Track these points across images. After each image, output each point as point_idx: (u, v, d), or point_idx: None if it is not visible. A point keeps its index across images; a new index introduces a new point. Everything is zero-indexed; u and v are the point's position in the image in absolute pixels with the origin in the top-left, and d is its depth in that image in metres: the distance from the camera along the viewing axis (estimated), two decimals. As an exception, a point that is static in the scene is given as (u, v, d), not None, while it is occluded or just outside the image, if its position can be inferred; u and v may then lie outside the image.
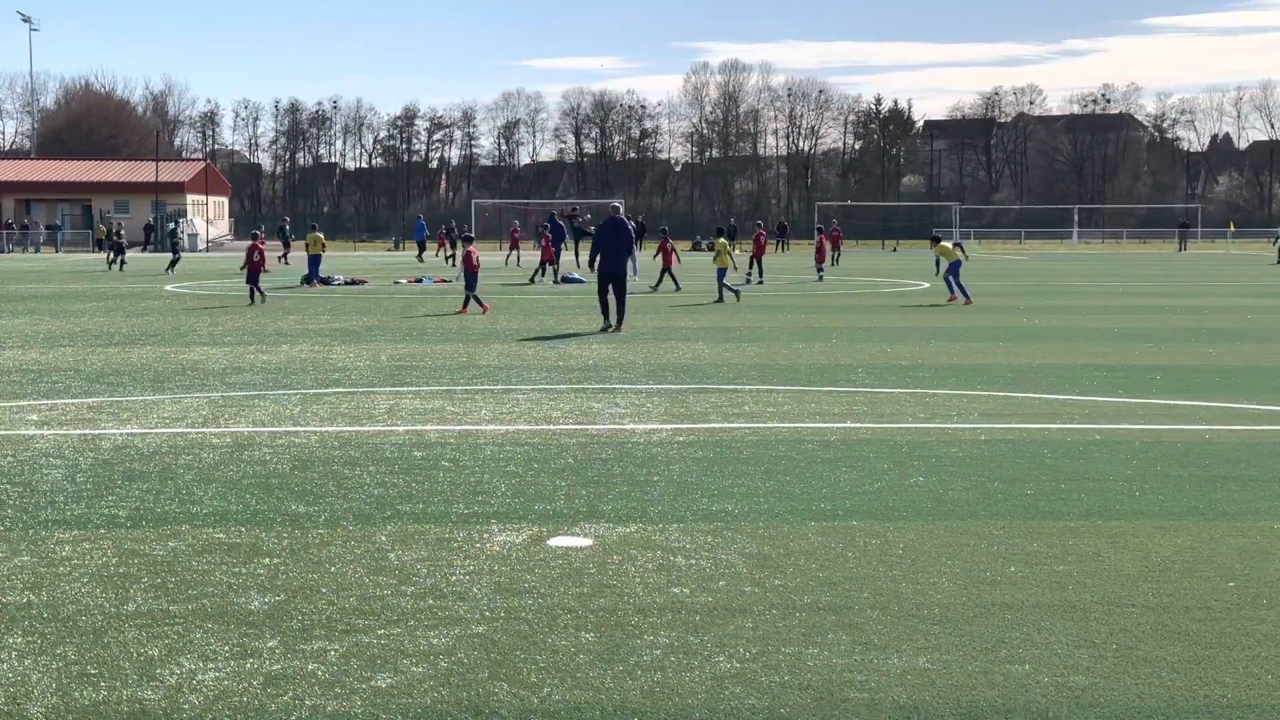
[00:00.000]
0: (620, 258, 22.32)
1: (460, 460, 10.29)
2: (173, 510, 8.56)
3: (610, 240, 22.50)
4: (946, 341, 20.61)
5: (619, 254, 22.33)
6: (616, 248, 22.34)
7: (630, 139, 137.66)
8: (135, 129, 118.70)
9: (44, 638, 6.02)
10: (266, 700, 5.25)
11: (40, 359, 17.96)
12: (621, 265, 22.32)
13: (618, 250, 22.32)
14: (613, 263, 22.32)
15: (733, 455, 10.55)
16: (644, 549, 7.59)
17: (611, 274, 22.33)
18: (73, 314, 26.56)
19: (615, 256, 22.31)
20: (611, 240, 22.47)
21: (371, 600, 6.59)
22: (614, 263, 22.31)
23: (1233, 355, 18.75)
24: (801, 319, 25.23)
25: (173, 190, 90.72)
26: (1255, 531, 8.07)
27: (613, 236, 22.50)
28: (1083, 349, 19.53)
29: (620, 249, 22.34)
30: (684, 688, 5.39)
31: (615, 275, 22.28)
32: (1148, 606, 6.52)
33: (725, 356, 18.15)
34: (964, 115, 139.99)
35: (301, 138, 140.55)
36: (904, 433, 11.68)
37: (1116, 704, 5.24)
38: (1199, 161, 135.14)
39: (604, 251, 22.51)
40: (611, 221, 22.82)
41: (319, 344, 20.06)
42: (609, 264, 22.38)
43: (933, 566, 7.21)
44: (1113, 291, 36.44)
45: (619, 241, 22.40)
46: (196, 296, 32.61)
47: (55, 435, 11.57)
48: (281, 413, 12.85)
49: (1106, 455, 10.55)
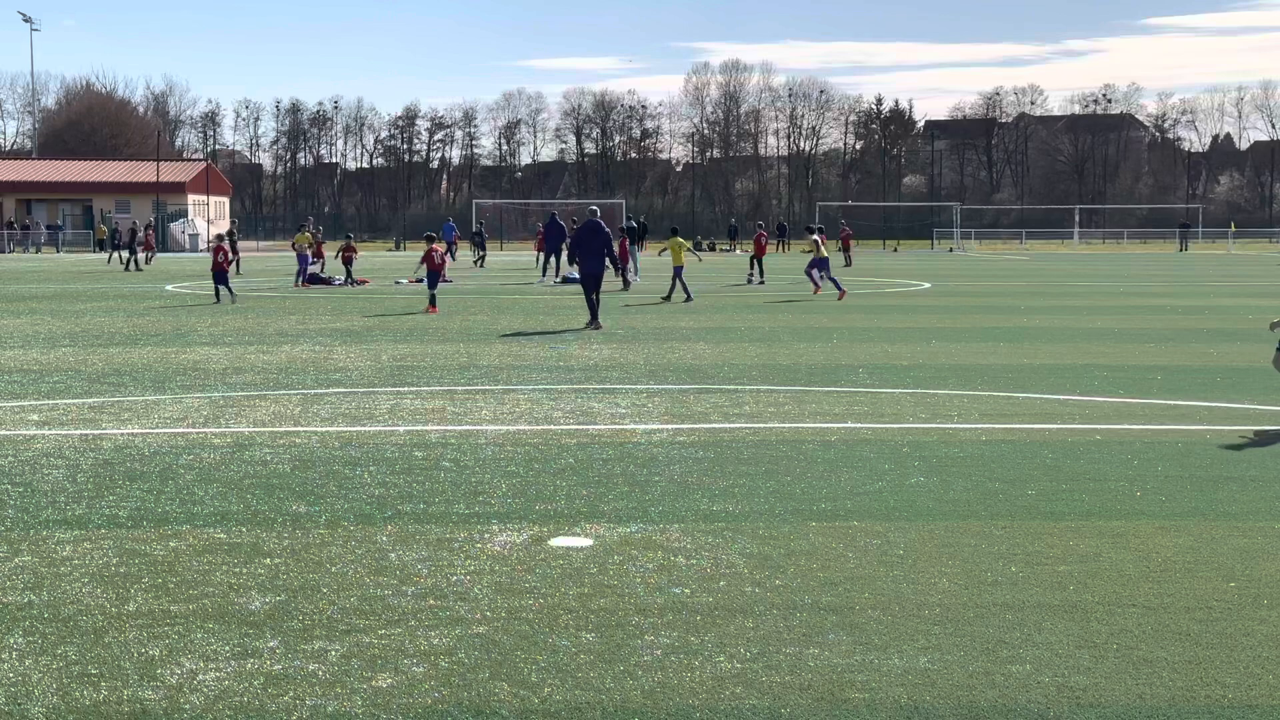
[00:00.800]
0: (599, 259, 23.25)
1: (461, 460, 10.29)
2: (173, 510, 8.57)
3: (588, 242, 23.46)
4: (946, 341, 20.61)
5: (597, 256, 23.29)
6: (595, 250, 23.31)
7: (631, 139, 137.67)
8: (136, 129, 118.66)
9: (44, 638, 6.02)
10: (267, 700, 5.25)
11: (41, 359, 17.96)
12: (601, 266, 23.24)
13: (596, 252, 23.29)
14: (593, 264, 23.24)
15: (733, 455, 10.55)
16: (645, 549, 7.60)
17: (592, 274, 23.25)
18: (73, 314, 26.57)
19: (594, 258, 23.26)
20: (590, 242, 23.44)
21: (372, 600, 6.59)
22: (594, 264, 23.23)
23: (1233, 355, 18.75)
24: (802, 319, 25.23)
25: (174, 190, 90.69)
26: (1255, 532, 8.07)
27: (590, 239, 23.45)
28: (1083, 349, 19.53)
29: (598, 251, 23.32)
30: (684, 688, 5.40)
31: (596, 275, 23.24)
32: (1148, 607, 6.52)
33: (726, 356, 18.15)
34: (965, 115, 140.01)
35: (302, 138, 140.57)
36: (904, 433, 11.68)
37: (1117, 704, 5.24)
38: (1200, 162, 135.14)
39: (584, 254, 23.43)
40: (589, 225, 23.67)
41: (319, 344, 20.06)
42: (590, 265, 23.30)
43: (933, 566, 7.21)
44: (1113, 291, 36.44)
45: (596, 243, 23.35)
46: (197, 296, 32.61)
47: (56, 435, 11.57)
48: (282, 413, 12.85)
49: (1107, 455, 10.55)
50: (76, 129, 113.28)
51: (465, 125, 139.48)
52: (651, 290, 34.02)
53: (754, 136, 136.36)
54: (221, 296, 29.87)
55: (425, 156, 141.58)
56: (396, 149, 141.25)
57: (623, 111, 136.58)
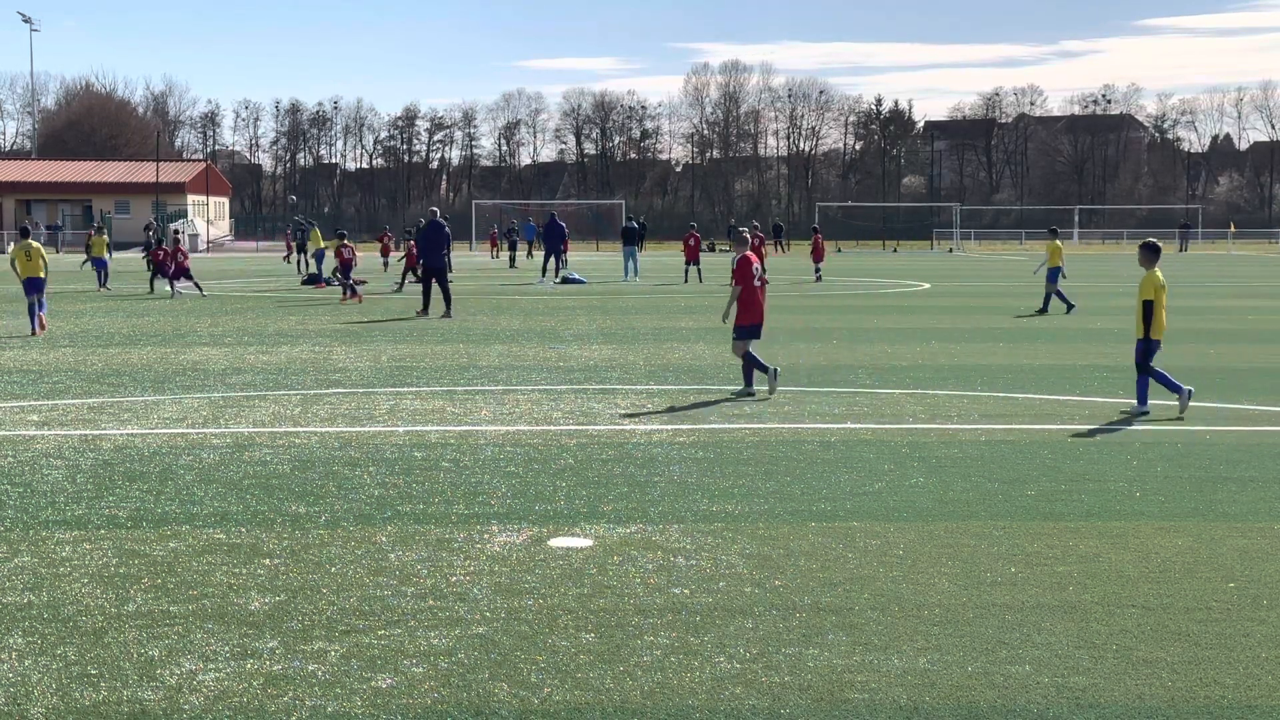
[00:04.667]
0: (439, 254, 25.98)
1: (460, 461, 10.29)
2: (173, 511, 8.57)
3: (433, 239, 26.11)
4: (946, 341, 20.61)
5: (438, 252, 26.01)
6: (435, 247, 25.97)
7: (631, 140, 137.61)
8: (136, 129, 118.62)
9: (44, 638, 6.02)
10: (266, 701, 5.25)
11: (40, 359, 17.96)
12: (441, 261, 26.02)
13: (436, 248, 25.95)
14: (433, 259, 25.94)
15: (733, 456, 10.55)
16: (644, 549, 7.60)
17: (432, 269, 26.01)
18: (73, 314, 26.56)
19: (434, 254, 25.95)
20: (432, 241, 26.10)
21: (372, 601, 6.59)
22: (434, 259, 25.93)
23: (1233, 355, 18.75)
24: (801, 319, 25.23)
25: (173, 191, 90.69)
26: (1255, 532, 8.07)
27: (433, 237, 26.13)
28: (1083, 349, 19.53)
29: (438, 248, 25.97)
30: (684, 688, 5.40)
31: (437, 270, 25.97)
32: (1148, 607, 6.52)
33: (725, 357, 18.14)
34: (964, 116, 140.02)
35: (302, 138, 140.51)
36: (904, 433, 11.68)
37: (1116, 704, 5.24)
38: (1199, 162, 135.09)
39: (426, 250, 26.15)
40: (432, 224, 26.43)
41: (319, 344, 20.06)
42: (431, 260, 26.04)
43: (933, 567, 7.22)
44: (1113, 292, 36.42)
45: (436, 241, 26.04)
46: (197, 297, 32.59)
47: (56, 435, 11.57)
48: (282, 413, 12.85)
49: (1107, 456, 10.55)
50: (76, 129, 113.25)
51: (465, 126, 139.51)
52: (652, 290, 34.01)
53: (754, 137, 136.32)
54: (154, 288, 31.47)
55: (425, 157, 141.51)
56: (396, 149, 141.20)
57: (622, 112, 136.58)
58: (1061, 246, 27.93)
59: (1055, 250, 27.79)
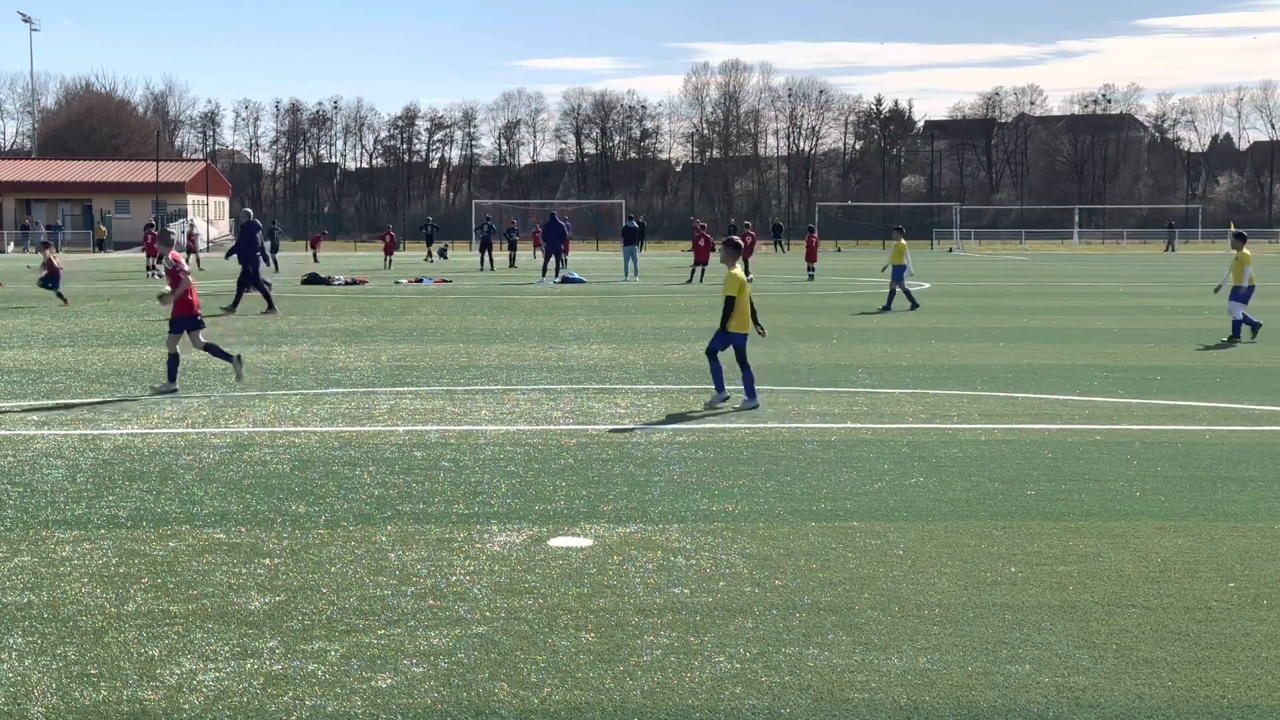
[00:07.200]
0: (253, 255, 27.57)
1: (460, 460, 10.29)
2: (173, 510, 8.57)
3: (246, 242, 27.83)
4: (946, 341, 20.61)
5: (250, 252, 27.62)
6: (249, 248, 27.65)
7: (631, 139, 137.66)
8: (136, 129, 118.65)
9: (44, 638, 6.02)
10: (266, 700, 5.25)
11: (40, 359, 17.96)
12: (255, 262, 27.60)
13: (249, 249, 27.59)
14: (248, 260, 27.54)
15: (733, 455, 10.55)
16: (644, 549, 7.60)
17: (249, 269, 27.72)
18: (73, 314, 26.56)
19: (248, 254, 27.56)
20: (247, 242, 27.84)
21: (372, 600, 6.59)
22: (249, 260, 27.52)
23: (1233, 355, 18.75)
24: (801, 319, 25.23)
25: (173, 190, 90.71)
26: (1255, 532, 8.07)
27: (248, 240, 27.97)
28: (1083, 349, 19.53)
29: (252, 248, 27.64)
30: (684, 688, 5.40)
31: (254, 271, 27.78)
32: (1148, 607, 6.52)
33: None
34: (964, 116, 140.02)
35: (302, 138, 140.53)
36: (904, 433, 11.68)
37: (1116, 704, 5.24)
38: (1199, 162, 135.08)
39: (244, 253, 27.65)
40: (250, 225, 28.26)
41: (319, 344, 20.07)
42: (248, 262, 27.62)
43: (933, 567, 7.22)
44: (1113, 291, 36.43)
45: (250, 243, 27.74)
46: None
47: (55, 435, 11.57)
48: (282, 413, 12.85)
49: (1107, 456, 10.55)
50: (76, 129, 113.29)
51: (465, 125, 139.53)
52: (652, 290, 34.04)
53: (753, 137, 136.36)
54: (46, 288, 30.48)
55: (425, 157, 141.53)
56: (396, 149, 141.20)
57: (622, 112, 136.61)
58: (906, 246, 28.02)
59: (900, 249, 27.90)
